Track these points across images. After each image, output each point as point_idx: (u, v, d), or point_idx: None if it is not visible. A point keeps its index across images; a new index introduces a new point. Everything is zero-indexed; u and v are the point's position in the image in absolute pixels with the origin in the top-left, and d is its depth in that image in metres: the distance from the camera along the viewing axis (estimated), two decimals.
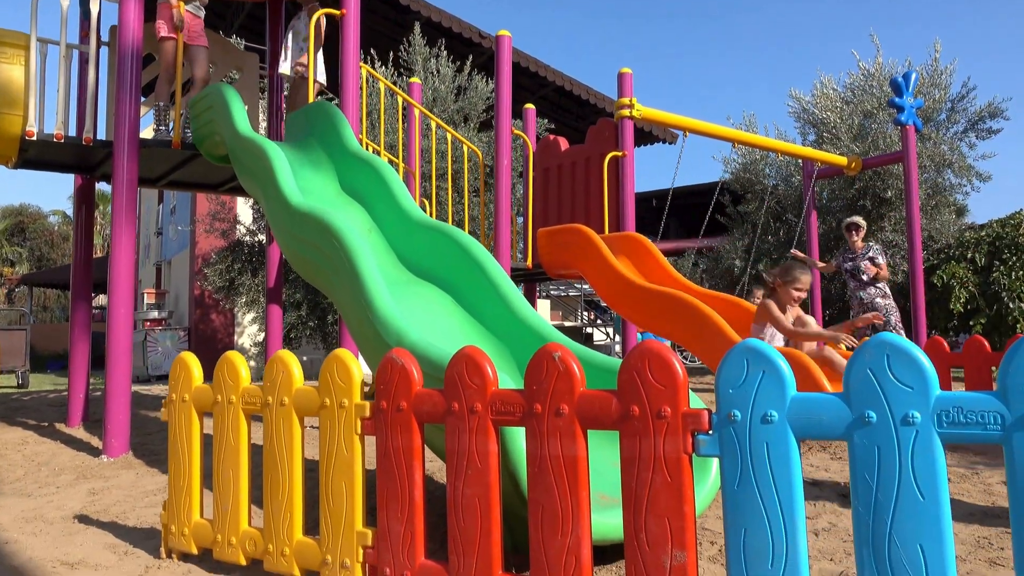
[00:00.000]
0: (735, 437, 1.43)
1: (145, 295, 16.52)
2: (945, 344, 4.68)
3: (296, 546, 2.10)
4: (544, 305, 20.00)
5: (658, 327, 5.70)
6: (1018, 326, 8.93)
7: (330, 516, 2.02)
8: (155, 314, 15.36)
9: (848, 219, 7.64)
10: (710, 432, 1.48)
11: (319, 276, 3.36)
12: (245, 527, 2.24)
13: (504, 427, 1.91)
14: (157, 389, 9.32)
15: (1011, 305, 8.96)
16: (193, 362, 2.43)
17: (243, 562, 2.26)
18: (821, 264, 8.21)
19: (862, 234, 7.42)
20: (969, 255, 9.59)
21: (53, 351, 20.75)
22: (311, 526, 2.23)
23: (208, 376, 2.34)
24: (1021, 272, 9.03)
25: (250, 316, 13.85)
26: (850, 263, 7.35)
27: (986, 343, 4.51)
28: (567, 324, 19.96)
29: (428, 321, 3.12)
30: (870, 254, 7.23)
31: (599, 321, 19.94)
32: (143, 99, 5.52)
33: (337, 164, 4.36)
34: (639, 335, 8.52)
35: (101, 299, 22.96)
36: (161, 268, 18.38)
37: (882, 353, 1.31)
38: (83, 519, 3.09)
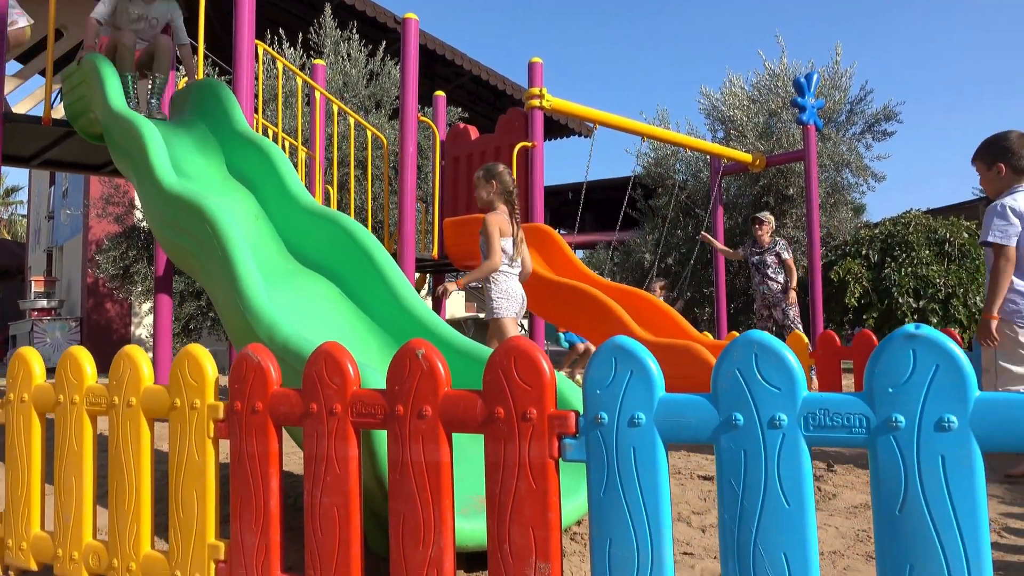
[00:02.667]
0: (602, 441, 1.35)
1: (33, 283, 15.48)
2: (836, 338, 4.81)
3: (143, 561, 1.91)
4: (458, 296, 19.86)
5: (562, 319, 5.65)
6: (906, 319, 9.36)
7: (180, 528, 1.84)
8: (44, 303, 14.42)
9: (755, 214, 7.78)
10: (577, 435, 1.38)
11: (193, 263, 3.13)
12: (89, 540, 2.03)
13: (370, 430, 1.78)
14: None
15: (900, 300, 9.38)
16: (33, 357, 2.19)
17: None
18: (728, 249, 8.35)
19: (767, 229, 7.48)
20: (863, 252, 10.00)
21: None
22: (165, 534, 2.04)
23: (104, 370, 2.08)
24: (909, 269, 9.47)
25: (147, 306, 13.16)
26: (757, 256, 7.45)
27: (874, 337, 4.65)
28: (481, 316, 19.86)
29: (311, 314, 2.94)
30: (777, 248, 7.34)
31: None
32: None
33: (224, 146, 4.10)
34: (562, 335, 8.47)
35: None
36: (52, 254, 17.27)
37: (750, 352, 1.24)
38: None
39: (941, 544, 1.10)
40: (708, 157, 10.60)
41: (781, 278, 7.34)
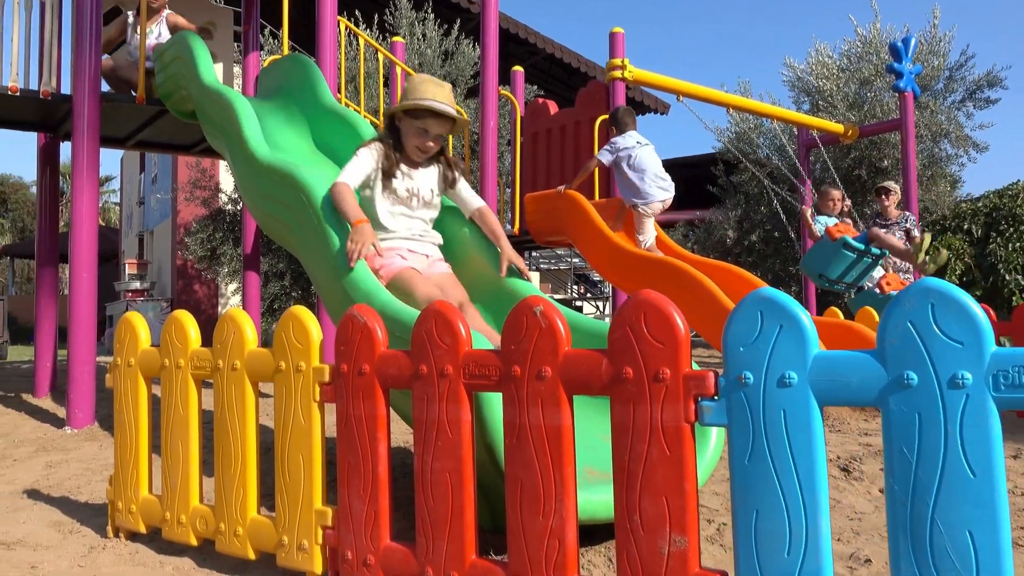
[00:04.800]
0: (746, 403, 1.22)
1: (127, 265, 16.19)
2: None
3: (250, 525, 1.89)
4: (533, 278, 19.81)
5: None
6: (1014, 298, 8.78)
7: (286, 493, 1.81)
8: (137, 285, 15.06)
9: (880, 183, 7.24)
10: (716, 397, 1.26)
11: (289, 236, 3.11)
12: (196, 504, 2.03)
13: (479, 393, 1.69)
14: None
15: (1007, 277, 8.79)
16: (139, 322, 2.20)
17: (194, 542, 2.04)
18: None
19: (895, 199, 6.78)
20: (965, 226, 9.41)
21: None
22: (270, 504, 2.02)
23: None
24: (1018, 244, 8.86)
25: (233, 286, 13.57)
26: (882, 230, 6.86)
27: (991, 311, 4.33)
28: (556, 297, 19.76)
29: None
30: (907, 224, 6.75)
31: (589, 295, 19.75)
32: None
33: (311, 120, 4.08)
34: (848, 238, 7.63)
35: None
36: (143, 238, 18.02)
37: (926, 302, 1.09)
38: (33, 494, 2.87)
39: None
40: (795, 130, 10.15)
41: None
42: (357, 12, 10.99)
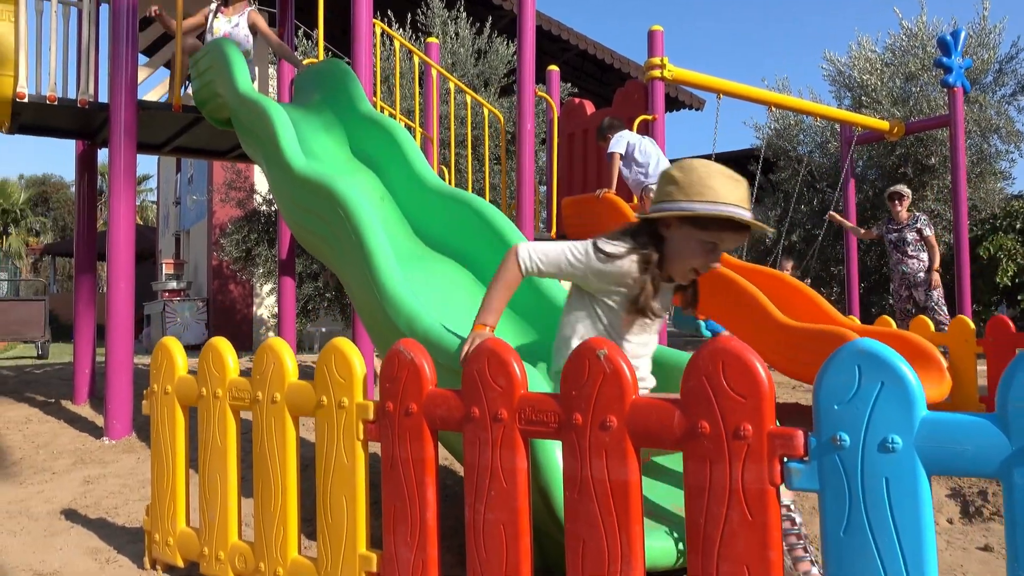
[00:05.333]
0: (842, 468, 1.09)
1: (164, 266, 16.38)
2: (1011, 323, 4.29)
3: (290, 567, 1.80)
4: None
5: None
6: None
7: (328, 534, 1.72)
8: (173, 284, 15.23)
9: (891, 188, 7.18)
10: (806, 459, 1.14)
11: (324, 249, 3.03)
12: (234, 540, 1.95)
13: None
14: None
15: None
16: (176, 348, 2.13)
17: None
18: (862, 230, 7.74)
19: (906, 204, 6.93)
20: (1017, 225, 9.08)
21: None
22: (308, 530, 1.94)
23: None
24: None
25: (268, 287, 13.64)
26: (895, 234, 6.89)
27: None
28: None
29: (444, 300, 2.79)
30: (918, 225, 6.74)
31: None
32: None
33: (347, 127, 4.01)
34: (702, 322, 7.81)
35: None
36: (180, 238, 18.22)
37: None
38: (70, 515, 2.83)
39: None
40: (837, 127, 9.87)
41: (923, 256, 6.74)
42: (390, 12, 10.93)
